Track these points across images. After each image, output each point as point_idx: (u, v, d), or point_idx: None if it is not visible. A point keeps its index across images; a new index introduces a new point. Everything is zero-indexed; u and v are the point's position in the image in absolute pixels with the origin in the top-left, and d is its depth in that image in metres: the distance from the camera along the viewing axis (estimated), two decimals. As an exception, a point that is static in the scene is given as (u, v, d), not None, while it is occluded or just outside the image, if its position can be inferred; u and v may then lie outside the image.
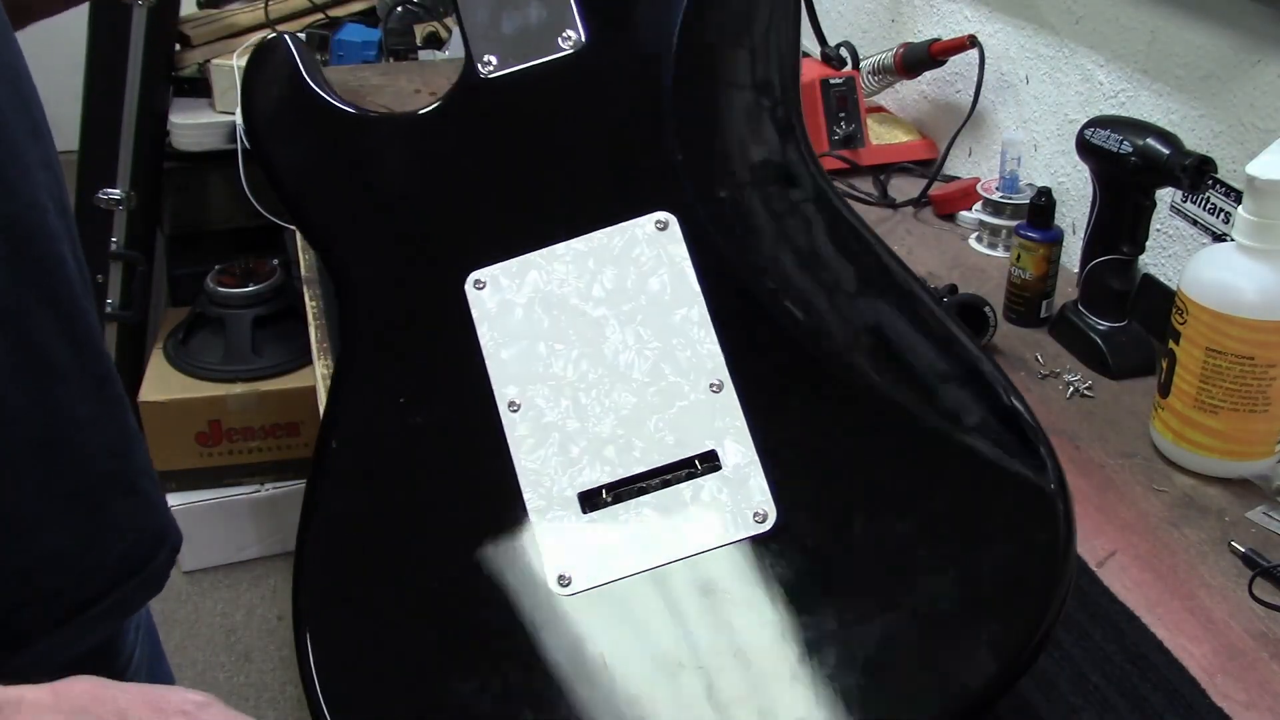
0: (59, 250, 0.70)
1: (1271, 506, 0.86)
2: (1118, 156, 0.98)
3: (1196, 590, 0.78)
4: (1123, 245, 1.02)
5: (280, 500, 2.13)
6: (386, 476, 0.64)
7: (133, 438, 0.77)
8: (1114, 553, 0.82)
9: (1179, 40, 1.06)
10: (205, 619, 2.06)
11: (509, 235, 0.68)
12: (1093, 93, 1.19)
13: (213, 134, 2.14)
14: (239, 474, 2.12)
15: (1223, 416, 0.86)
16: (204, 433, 2.09)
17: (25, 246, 0.66)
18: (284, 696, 1.93)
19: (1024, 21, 1.29)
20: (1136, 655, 0.73)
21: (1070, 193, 1.22)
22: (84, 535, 0.72)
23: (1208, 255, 0.87)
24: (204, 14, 2.37)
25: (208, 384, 2.10)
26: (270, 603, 2.08)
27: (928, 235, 1.30)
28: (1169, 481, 0.89)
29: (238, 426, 2.10)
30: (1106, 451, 0.93)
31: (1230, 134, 1.02)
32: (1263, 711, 0.69)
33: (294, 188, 0.71)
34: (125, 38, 1.98)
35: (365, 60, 2.13)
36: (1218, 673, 0.72)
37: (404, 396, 0.65)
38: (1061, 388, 1.01)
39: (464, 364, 0.65)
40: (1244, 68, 0.99)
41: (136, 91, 2.02)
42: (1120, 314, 1.04)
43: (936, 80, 1.48)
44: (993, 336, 1.06)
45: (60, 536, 0.70)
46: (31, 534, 0.68)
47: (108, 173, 2.05)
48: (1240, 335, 0.83)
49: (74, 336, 0.70)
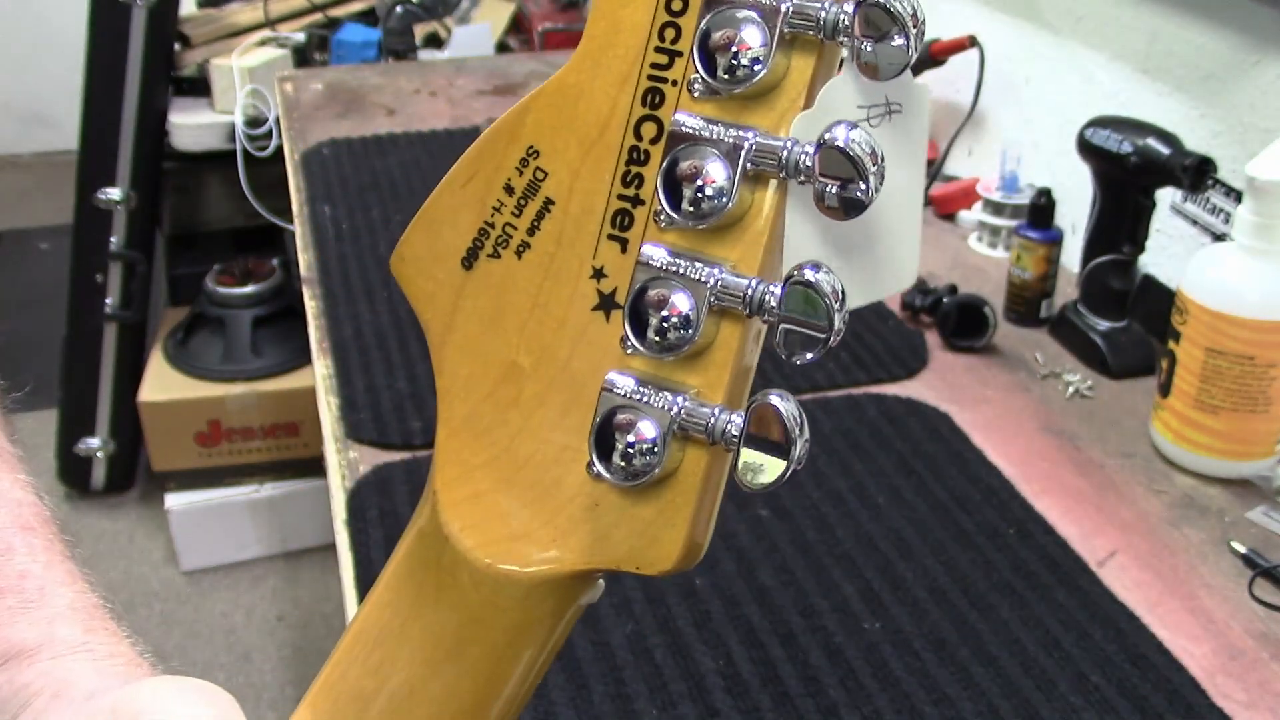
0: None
1: (1271, 506, 0.86)
2: (1118, 156, 0.98)
3: (1196, 590, 0.78)
4: (1123, 245, 1.02)
5: (280, 500, 2.13)
6: None
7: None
8: (1114, 553, 0.82)
9: (1179, 40, 1.06)
10: (205, 619, 2.06)
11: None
12: (1093, 93, 1.19)
13: (213, 134, 2.14)
14: (238, 474, 2.12)
15: (1223, 416, 0.86)
16: (203, 433, 2.09)
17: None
18: (284, 697, 1.92)
19: (1024, 21, 1.29)
20: (1136, 655, 0.73)
21: (1070, 193, 1.22)
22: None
23: (1208, 255, 0.87)
24: (204, 14, 2.37)
25: (207, 384, 2.09)
26: (270, 603, 2.08)
27: (928, 235, 1.30)
28: (1169, 481, 0.89)
29: (237, 426, 2.09)
30: (1106, 451, 0.93)
31: (1230, 134, 1.02)
32: (1263, 711, 0.69)
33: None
34: (125, 38, 1.98)
35: (365, 60, 2.13)
36: (1218, 673, 0.72)
37: None
38: (1061, 388, 1.01)
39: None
40: (1244, 68, 0.99)
41: (136, 91, 2.02)
42: (1120, 314, 1.04)
43: (936, 80, 1.48)
44: (993, 336, 1.06)
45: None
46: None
47: (108, 173, 2.04)
48: (1240, 335, 0.83)
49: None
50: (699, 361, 0.28)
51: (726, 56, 0.26)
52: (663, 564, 0.29)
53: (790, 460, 0.27)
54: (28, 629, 0.39)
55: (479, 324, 0.30)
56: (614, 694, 0.70)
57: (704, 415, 0.27)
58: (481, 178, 0.30)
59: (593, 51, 0.28)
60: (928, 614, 0.77)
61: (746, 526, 0.84)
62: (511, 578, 0.30)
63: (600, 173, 0.29)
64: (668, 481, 0.28)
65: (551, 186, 0.29)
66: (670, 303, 0.27)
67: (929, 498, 0.87)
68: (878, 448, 0.93)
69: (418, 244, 0.31)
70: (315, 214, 1.34)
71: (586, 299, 0.29)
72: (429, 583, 0.31)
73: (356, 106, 1.68)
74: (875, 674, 0.72)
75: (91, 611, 0.40)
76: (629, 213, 0.28)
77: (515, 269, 0.30)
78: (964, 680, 0.72)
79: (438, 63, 1.96)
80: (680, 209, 0.27)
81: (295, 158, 1.50)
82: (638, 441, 0.28)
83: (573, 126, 0.29)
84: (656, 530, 0.29)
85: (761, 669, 0.72)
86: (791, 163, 0.26)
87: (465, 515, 0.31)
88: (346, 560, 0.82)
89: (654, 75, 0.28)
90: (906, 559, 0.81)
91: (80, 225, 2.09)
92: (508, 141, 0.30)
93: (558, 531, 0.30)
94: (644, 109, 0.28)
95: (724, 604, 0.77)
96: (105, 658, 0.39)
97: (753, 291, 0.27)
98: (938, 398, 0.99)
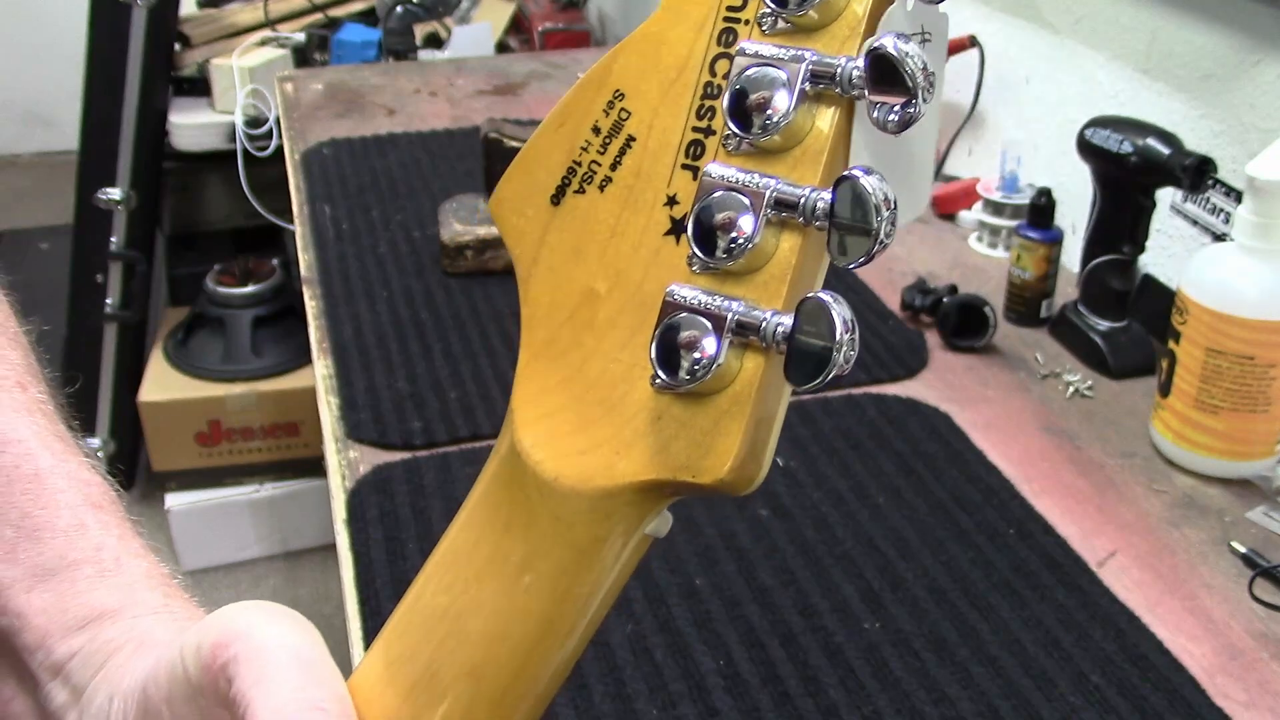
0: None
1: (1271, 506, 0.86)
2: (1118, 156, 0.98)
3: (1196, 590, 0.78)
4: (1123, 245, 1.02)
5: (280, 500, 2.13)
6: None
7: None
8: (1114, 553, 0.82)
9: (1179, 40, 1.06)
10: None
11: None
12: (1093, 93, 1.19)
13: (213, 134, 2.14)
14: (239, 474, 2.12)
15: (1223, 416, 0.86)
16: (204, 433, 2.09)
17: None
18: (284, 696, 1.92)
19: (1024, 21, 1.29)
20: (1136, 655, 0.73)
21: (1070, 193, 1.22)
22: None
23: (1208, 255, 0.87)
24: (204, 14, 2.38)
25: (207, 384, 2.09)
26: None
27: (928, 235, 1.30)
28: (1169, 481, 0.89)
29: (237, 426, 2.09)
30: (1106, 451, 0.93)
31: (1230, 134, 1.02)
32: (1263, 711, 0.69)
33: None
34: (125, 38, 1.98)
35: (365, 60, 2.13)
36: (1218, 673, 0.72)
37: None
38: (1061, 388, 1.01)
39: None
40: (1244, 68, 0.99)
41: (136, 91, 2.02)
42: (1120, 314, 1.04)
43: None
44: (993, 336, 1.06)
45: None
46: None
47: (108, 173, 2.04)
48: (1240, 335, 0.83)
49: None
50: (758, 275, 0.30)
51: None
52: (715, 472, 0.30)
53: (834, 360, 0.28)
54: (108, 594, 0.39)
55: (562, 255, 0.33)
56: (614, 694, 0.70)
57: (758, 318, 0.29)
58: (572, 121, 0.33)
59: (675, 4, 0.31)
60: (928, 614, 0.77)
61: (746, 526, 0.84)
62: (577, 490, 0.32)
63: (677, 109, 0.31)
64: (725, 392, 0.30)
65: (633, 124, 0.32)
66: (728, 210, 0.29)
67: (929, 498, 0.87)
68: (878, 448, 0.93)
69: (514, 185, 0.33)
70: (315, 214, 1.34)
71: (660, 225, 0.31)
72: (503, 501, 0.33)
73: (356, 106, 1.68)
74: (875, 674, 0.72)
75: (166, 580, 0.41)
76: (701, 143, 0.31)
77: (597, 202, 0.32)
78: (964, 680, 0.72)
79: (438, 63, 1.96)
80: (745, 129, 0.29)
81: (295, 158, 1.50)
82: (695, 342, 0.29)
83: (655, 69, 0.31)
84: (712, 440, 0.30)
85: (761, 669, 0.72)
86: (846, 77, 0.28)
87: (537, 432, 0.33)
88: (346, 560, 0.82)
89: (729, 17, 0.31)
90: (906, 559, 0.81)
91: (80, 225, 2.09)
92: (596, 88, 0.32)
93: (621, 444, 0.31)
94: (719, 48, 0.31)
95: (724, 604, 0.77)
96: (185, 619, 0.40)
97: (807, 198, 0.29)
98: (938, 398, 0.99)
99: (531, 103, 1.71)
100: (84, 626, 0.39)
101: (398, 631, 0.34)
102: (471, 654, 0.33)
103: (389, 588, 0.78)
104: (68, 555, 0.40)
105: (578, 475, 0.32)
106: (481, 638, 0.33)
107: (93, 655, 0.38)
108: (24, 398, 0.44)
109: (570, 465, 0.32)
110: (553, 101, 1.73)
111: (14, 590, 0.39)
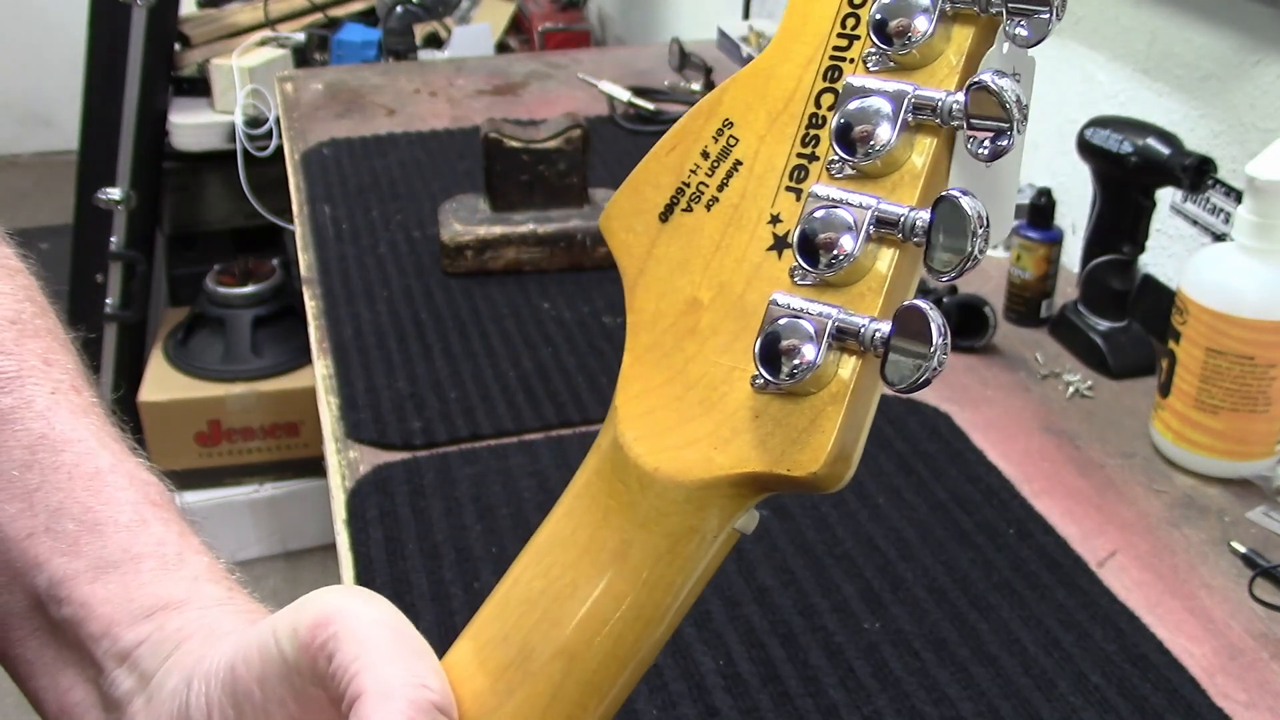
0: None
1: (1271, 506, 0.86)
2: (1118, 156, 0.98)
3: (1196, 590, 0.78)
4: (1123, 245, 1.02)
5: (280, 500, 2.13)
6: None
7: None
8: (1114, 553, 0.82)
9: (1179, 40, 1.06)
10: (205, 619, 2.06)
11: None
12: (1093, 93, 1.19)
13: (212, 134, 2.14)
14: (239, 474, 2.12)
15: (1223, 416, 0.86)
16: (204, 433, 2.09)
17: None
18: (284, 696, 1.92)
19: (1024, 21, 1.29)
20: (1136, 655, 0.73)
21: (1070, 193, 1.22)
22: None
23: (1208, 255, 0.87)
24: (204, 14, 2.38)
25: (207, 384, 2.09)
26: (270, 603, 2.07)
27: (928, 235, 1.30)
28: (1169, 481, 0.89)
29: (237, 426, 2.09)
30: (1106, 451, 0.93)
31: (1230, 134, 1.02)
32: (1263, 711, 0.69)
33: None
34: (125, 38, 1.98)
35: (365, 60, 2.13)
36: (1218, 673, 0.72)
37: None
38: (1061, 388, 1.01)
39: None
40: (1244, 68, 0.99)
41: (136, 91, 2.02)
42: (1120, 314, 1.04)
43: (936, 80, 1.48)
44: (993, 336, 1.06)
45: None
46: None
47: (108, 173, 2.04)
48: (1240, 335, 0.83)
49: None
50: (857, 286, 0.32)
51: (897, 31, 0.31)
52: (810, 466, 0.33)
53: (930, 362, 0.30)
54: (174, 585, 0.40)
55: (668, 267, 0.35)
56: (614, 694, 0.70)
57: (856, 324, 0.31)
58: (682, 147, 0.35)
59: (784, 41, 0.34)
60: (928, 614, 0.77)
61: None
62: (676, 481, 0.34)
63: (783, 136, 0.34)
64: (822, 393, 0.32)
65: (741, 150, 0.34)
66: (833, 227, 0.31)
67: (929, 498, 0.87)
68: (878, 448, 0.93)
69: (624, 203, 0.36)
70: (315, 214, 1.34)
71: (763, 241, 0.34)
72: (602, 491, 0.36)
73: (356, 106, 1.68)
74: (875, 674, 0.72)
75: (226, 575, 0.42)
76: (805, 168, 0.33)
77: (704, 219, 0.35)
78: (964, 680, 0.72)
79: (438, 63, 1.96)
80: (850, 154, 0.31)
81: (295, 158, 1.50)
82: (796, 346, 0.32)
83: (762, 101, 0.34)
84: (808, 436, 0.33)
85: (761, 669, 0.72)
86: (946, 109, 0.30)
87: (639, 427, 0.35)
88: (346, 560, 0.82)
89: (835, 55, 0.33)
90: (906, 559, 0.81)
91: (80, 225, 2.09)
92: (706, 117, 0.35)
93: (720, 440, 0.34)
94: (825, 83, 0.33)
95: (724, 604, 0.77)
96: (248, 613, 0.41)
97: (906, 216, 0.31)
98: (938, 398, 0.99)
99: (531, 103, 1.71)
100: (150, 615, 0.39)
101: (490, 617, 0.36)
102: (566, 636, 0.35)
103: (389, 588, 0.78)
104: (131, 549, 0.41)
105: (677, 468, 0.34)
106: (576, 621, 0.35)
107: (162, 643, 0.39)
108: (80, 400, 0.44)
109: (670, 459, 0.34)
110: (553, 101, 1.73)
111: (78, 581, 0.40)
